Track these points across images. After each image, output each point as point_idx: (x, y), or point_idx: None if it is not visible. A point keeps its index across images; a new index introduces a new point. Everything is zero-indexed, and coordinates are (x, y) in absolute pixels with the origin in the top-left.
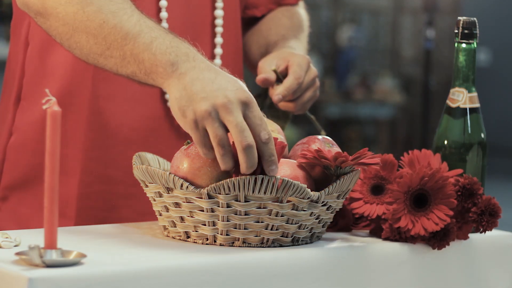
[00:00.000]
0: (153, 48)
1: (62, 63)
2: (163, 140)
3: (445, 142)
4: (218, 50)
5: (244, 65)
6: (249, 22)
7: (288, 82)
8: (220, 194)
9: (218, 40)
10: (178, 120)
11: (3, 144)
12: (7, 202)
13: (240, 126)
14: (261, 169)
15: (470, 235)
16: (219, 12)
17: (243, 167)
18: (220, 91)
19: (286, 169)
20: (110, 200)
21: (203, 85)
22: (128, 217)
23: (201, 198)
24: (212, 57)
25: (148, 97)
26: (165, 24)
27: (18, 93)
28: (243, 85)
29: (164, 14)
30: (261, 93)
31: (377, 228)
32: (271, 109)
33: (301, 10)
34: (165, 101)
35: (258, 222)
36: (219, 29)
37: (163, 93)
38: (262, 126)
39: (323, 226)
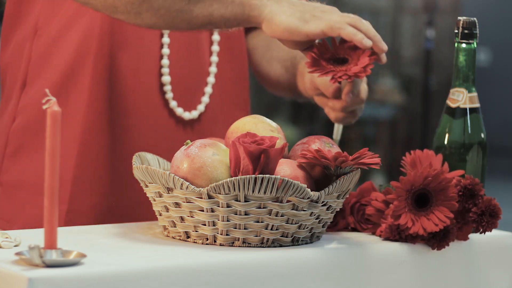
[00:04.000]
0: None
1: (67, 47)
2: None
3: (445, 142)
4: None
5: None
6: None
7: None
8: (220, 194)
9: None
10: (303, 29)
11: (7, 130)
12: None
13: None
14: (261, 169)
15: (470, 235)
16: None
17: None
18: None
19: (286, 169)
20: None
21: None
22: (122, 204)
23: (201, 198)
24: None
25: (149, 88)
26: (166, 61)
27: (23, 79)
28: None
29: (165, 51)
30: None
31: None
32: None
33: None
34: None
35: (258, 222)
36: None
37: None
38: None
39: (323, 226)
